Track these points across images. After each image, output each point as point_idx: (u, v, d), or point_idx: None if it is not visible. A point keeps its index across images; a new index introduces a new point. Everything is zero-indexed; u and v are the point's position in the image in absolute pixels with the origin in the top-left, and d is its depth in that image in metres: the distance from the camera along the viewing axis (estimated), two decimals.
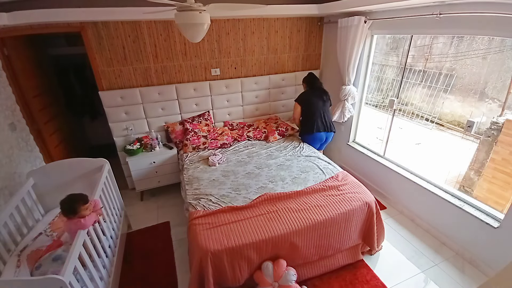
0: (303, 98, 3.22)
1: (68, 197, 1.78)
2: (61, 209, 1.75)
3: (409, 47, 2.85)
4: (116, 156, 3.27)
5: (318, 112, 3.15)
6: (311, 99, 3.18)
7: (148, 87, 3.17)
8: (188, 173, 2.75)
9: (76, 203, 1.75)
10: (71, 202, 1.75)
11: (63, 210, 1.75)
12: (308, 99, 3.19)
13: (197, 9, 1.69)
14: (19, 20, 2.34)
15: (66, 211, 1.74)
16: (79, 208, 1.74)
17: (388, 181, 3.14)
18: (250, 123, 3.79)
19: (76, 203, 1.75)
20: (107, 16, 2.68)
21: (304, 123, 3.28)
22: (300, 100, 3.22)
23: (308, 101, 3.18)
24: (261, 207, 2.17)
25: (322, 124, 3.20)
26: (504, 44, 3.15)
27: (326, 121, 3.22)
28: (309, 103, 3.17)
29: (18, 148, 2.49)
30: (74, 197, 1.79)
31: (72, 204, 1.75)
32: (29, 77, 2.90)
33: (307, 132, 3.25)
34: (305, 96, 3.22)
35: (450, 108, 4.18)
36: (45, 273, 1.68)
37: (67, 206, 1.74)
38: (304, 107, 3.20)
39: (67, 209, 1.74)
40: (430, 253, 2.48)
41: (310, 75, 3.32)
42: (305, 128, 3.27)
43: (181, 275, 2.32)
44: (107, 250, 2.02)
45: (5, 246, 1.81)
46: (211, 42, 3.29)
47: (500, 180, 2.91)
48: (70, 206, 1.74)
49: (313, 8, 3.20)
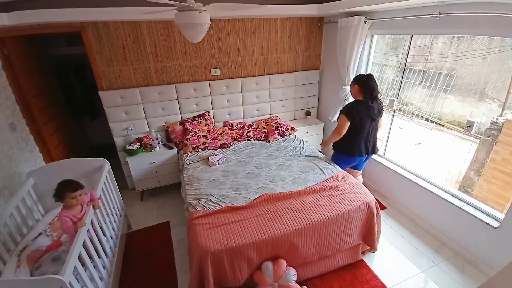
0: (354, 112, 2.46)
1: (61, 180, 1.81)
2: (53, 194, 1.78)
3: (409, 47, 2.85)
4: (116, 156, 3.27)
5: (366, 131, 2.53)
6: (363, 115, 2.45)
7: (148, 87, 3.17)
8: (188, 173, 2.75)
9: (63, 189, 1.76)
10: (59, 185, 1.78)
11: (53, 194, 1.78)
12: (360, 115, 2.45)
13: (197, 9, 1.69)
14: (19, 20, 2.34)
15: (54, 194, 1.77)
16: (65, 194, 1.75)
17: (388, 181, 3.14)
18: (250, 123, 3.79)
19: (64, 187, 1.76)
20: (107, 16, 2.68)
21: (344, 140, 2.61)
22: (350, 115, 2.46)
23: (359, 118, 2.45)
24: (261, 207, 2.17)
25: (366, 146, 2.59)
26: (504, 44, 3.15)
27: (371, 142, 2.61)
28: (359, 119, 2.46)
29: (18, 148, 2.49)
30: (64, 181, 1.81)
31: (59, 187, 1.77)
32: (29, 77, 2.90)
33: (345, 153, 2.69)
34: (358, 110, 2.45)
35: (450, 108, 4.18)
36: (45, 273, 1.68)
37: (56, 189, 1.77)
38: (352, 124, 2.50)
39: (56, 192, 1.77)
40: (430, 253, 2.48)
41: (369, 77, 2.46)
42: (344, 148, 2.67)
43: (181, 275, 2.31)
44: (107, 250, 2.02)
45: (5, 246, 1.81)
46: (211, 42, 3.29)
47: (500, 180, 2.91)
48: (58, 190, 1.77)
49: (313, 8, 3.20)
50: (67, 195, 1.77)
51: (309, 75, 3.94)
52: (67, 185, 1.80)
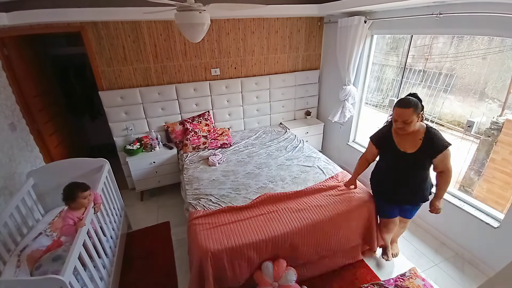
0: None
1: (69, 183, 1.85)
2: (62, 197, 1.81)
3: (409, 47, 2.86)
4: (116, 156, 3.27)
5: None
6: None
7: (148, 87, 3.17)
8: (188, 173, 2.75)
9: (75, 189, 1.80)
10: (70, 187, 1.82)
11: (63, 197, 1.81)
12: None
13: (197, 9, 1.69)
14: (19, 20, 2.34)
15: (65, 197, 1.80)
16: (77, 194, 1.79)
17: None
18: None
19: (75, 188, 1.81)
20: (107, 16, 2.68)
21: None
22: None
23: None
24: (261, 207, 2.17)
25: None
26: (504, 44, 3.15)
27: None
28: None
29: (18, 148, 2.49)
30: (74, 183, 1.85)
31: (71, 189, 1.81)
32: (29, 77, 2.90)
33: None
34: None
35: (450, 108, 4.18)
36: (45, 273, 1.68)
37: (66, 192, 1.80)
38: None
39: (66, 195, 1.80)
40: (430, 253, 2.48)
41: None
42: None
43: (181, 275, 2.31)
44: (107, 250, 2.02)
45: (5, 246, 1.81)
46: (211, 42, 3.28)
47: (500, 180, 2.90)
48: (68, 192, 1.80)
49: (313, 8, 3.20)
50: (78, 195, 1.79)
51: (309, 75, 3.94)
52: (77, 185, 1.83)
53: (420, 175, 1.90)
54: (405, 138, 1.83)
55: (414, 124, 1.74)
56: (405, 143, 1.84)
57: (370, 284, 1.94)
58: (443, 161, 1.78)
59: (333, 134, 4.02)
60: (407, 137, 1.82)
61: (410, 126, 1.73)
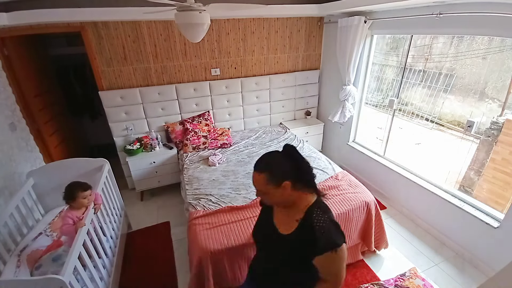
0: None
1: (70, 182, 1.86)
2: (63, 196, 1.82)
3: (409, 47, 2.85)
4: (116, 156, 3.27)
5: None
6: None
7: (148, 87, 3.17)
8: (188, 173, 2.75)
9: (75, 188, 1.81)
10: (71, 187, 1.83)
11: (64, 196, 1.82)
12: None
13: (197, 9, 1.69)
14: (19, 20, 2.34)
15: (65, 196, 1.81)
16: (77, 194, 1.80)
17: (388, 181, 3.14)
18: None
19: (76, 188, 1.82)
20: (107, 16, 2.68)
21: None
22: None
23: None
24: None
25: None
26: (504, 44, 3.15)
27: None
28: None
29: (18, 148, 2.49)
30: (76, 182, 1.87)
31: (71, 188, 1.82)
32: (29, 77, 2.90)
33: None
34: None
35: (450, 108, 4.18)
36: (45, 273, 1.69)
37: (67, 191, 1.81)
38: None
39: (66, 194, 1.81)
40: (430, 253, 2.48)
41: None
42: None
43: (181, 275, 2.31)
44: (107, 250, 2.02)
45: (5, 246, 1.81)
46: (211, 42, 3.28)
47: (500, 180, 2.90)
48: (69, 191, 1.81)
49: (313, 8, 3.20)
50: (78, 195, 1.80)
51: (309, 75, 3.94)
52: (78, 185, 1.84)
53: (290, 274, 1.13)
54: (281, 210, 1.20)
55: (277, 197, 1.09)
56: (281, 216, 1.20)
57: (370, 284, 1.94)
58: (324, 266, 1.05)
59: (333, 134, 4.02)
60: (282, 210, 1.19)
61: (268, 198, 1.12)
